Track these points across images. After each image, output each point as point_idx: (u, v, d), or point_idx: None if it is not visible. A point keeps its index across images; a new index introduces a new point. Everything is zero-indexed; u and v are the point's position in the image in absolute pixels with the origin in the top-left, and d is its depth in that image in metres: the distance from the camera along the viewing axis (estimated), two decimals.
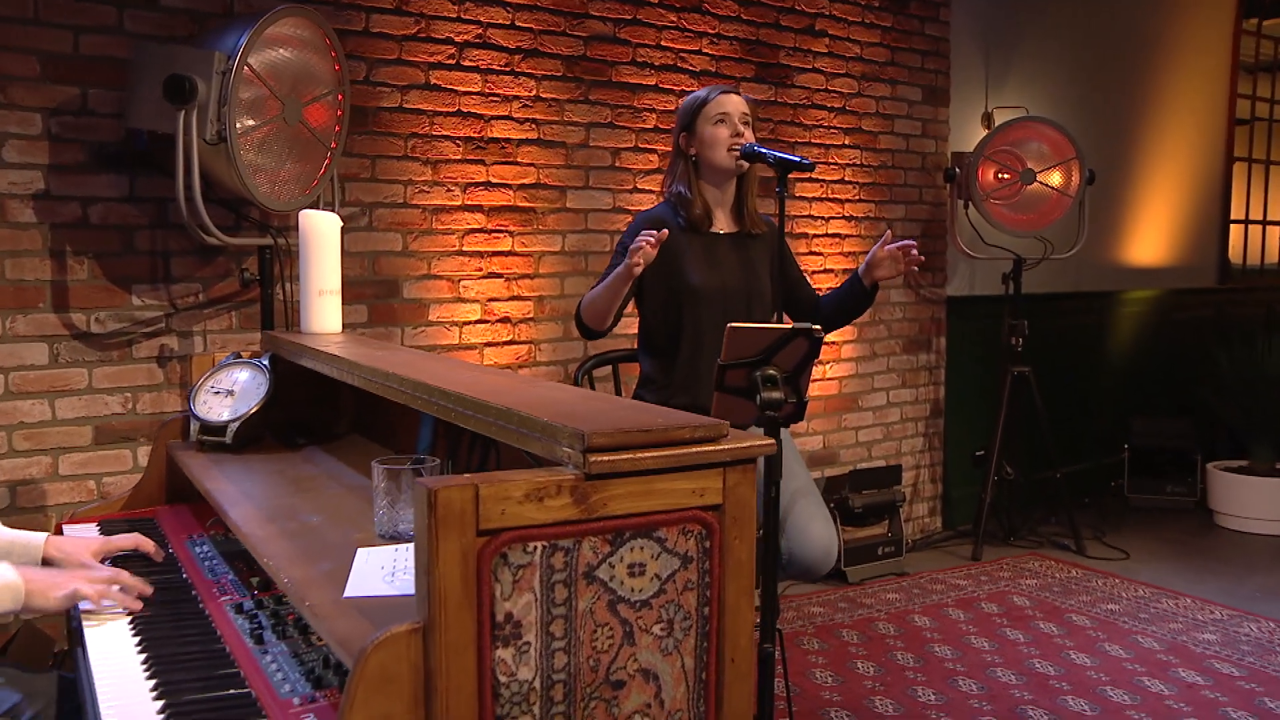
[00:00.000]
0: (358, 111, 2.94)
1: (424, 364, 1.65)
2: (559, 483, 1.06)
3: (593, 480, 1.08)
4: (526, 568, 1.05)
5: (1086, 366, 5.09)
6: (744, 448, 1.16)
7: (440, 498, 1.00)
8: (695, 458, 1.13)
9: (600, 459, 1.07)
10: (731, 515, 1.16)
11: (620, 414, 1.19)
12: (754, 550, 1.19)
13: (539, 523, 1.05)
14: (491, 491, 1.02)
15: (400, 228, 3.07)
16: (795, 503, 2.37)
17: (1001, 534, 4.38)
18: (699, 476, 1.14)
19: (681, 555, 1.14)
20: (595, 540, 1.09)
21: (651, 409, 1.24)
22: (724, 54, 3.74)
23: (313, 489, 1.69)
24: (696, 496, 1.14)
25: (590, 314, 2.41)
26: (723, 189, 2.56)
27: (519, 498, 1.04)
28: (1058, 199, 4.18)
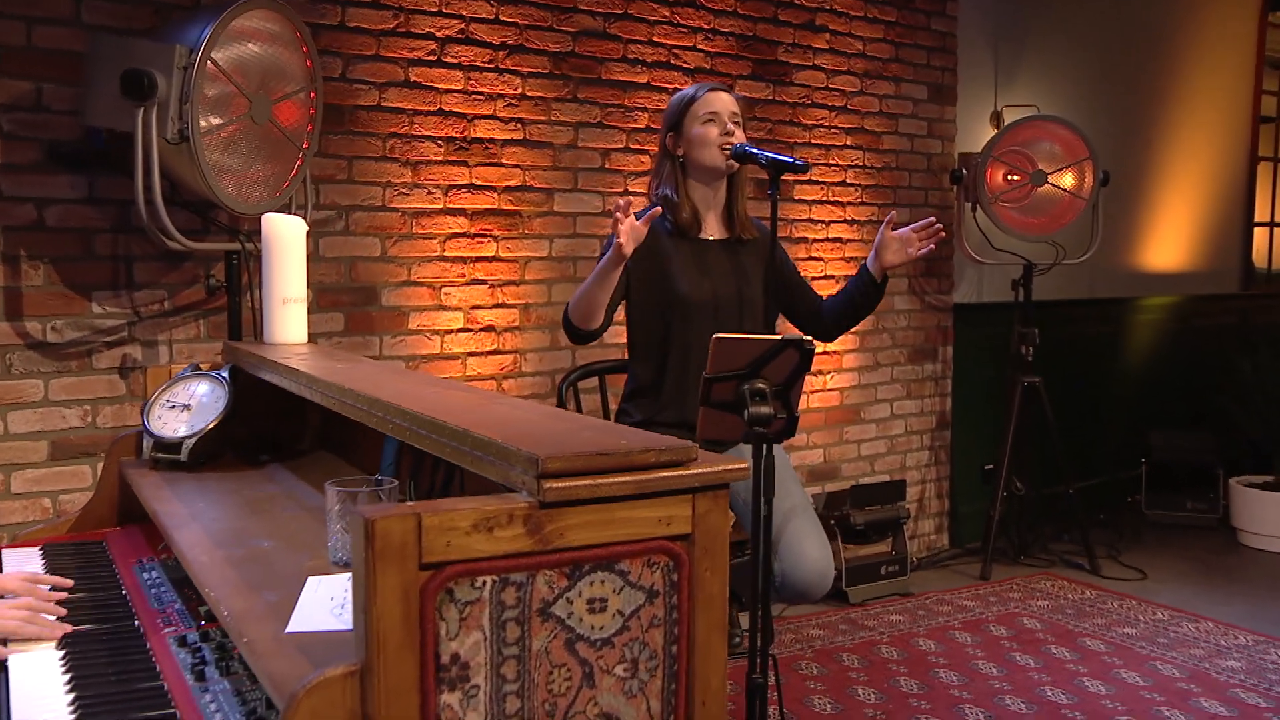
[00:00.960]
0: (333, 110, 2.92)
1: (386, 379, 1.61)
2: (510, 511, 1.02)
3: (548, 508, 1.03)
4: (474, 604, 1.00)
5: (1101, 376, 5.06)
6: (715, 472, 1.12)
7: (378, 528, 0.95)
8: (661, 483, 1.09)
9: (555, 485, 1.03)
10: (702, 546, 1.12)
11: (582, 436, 1.15)
12: (727, 584, 1.14)
13: (488, 555, 1.01)
14: (435, 521, 0.98)
15: (378, 232, 3.04)
16: (789, 522, 2.33)
17: (1011, 552, 4.34)
18: (665, 504, 1.10)
19: (646, 589, 1.09)
20: (551, 574, 1.04)
21: (616, 430, 1.19)
22: (719, 50, 3.71)
23: (269, 510, 1.65)
24: (663, 526, 1.10)
25: (578, 311, 2.35)
26: (712, 192, 2.53)
27: (466, 528, 1.00)
28: (1070, 201, 4.15)
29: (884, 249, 2.45)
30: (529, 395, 3.33)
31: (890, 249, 2.45)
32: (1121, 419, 5.13)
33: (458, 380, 3.05)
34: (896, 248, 2.44)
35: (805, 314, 2.63)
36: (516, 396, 3.30)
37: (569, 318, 2.38)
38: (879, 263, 2.46)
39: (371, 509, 0.97)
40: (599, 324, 2.37)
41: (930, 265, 4.33)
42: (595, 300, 2.32)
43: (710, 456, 1.14)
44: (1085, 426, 4.90)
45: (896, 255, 2.44)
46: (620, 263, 2.26)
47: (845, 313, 2.56)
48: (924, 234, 2.42)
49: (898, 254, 2.44)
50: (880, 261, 2.46)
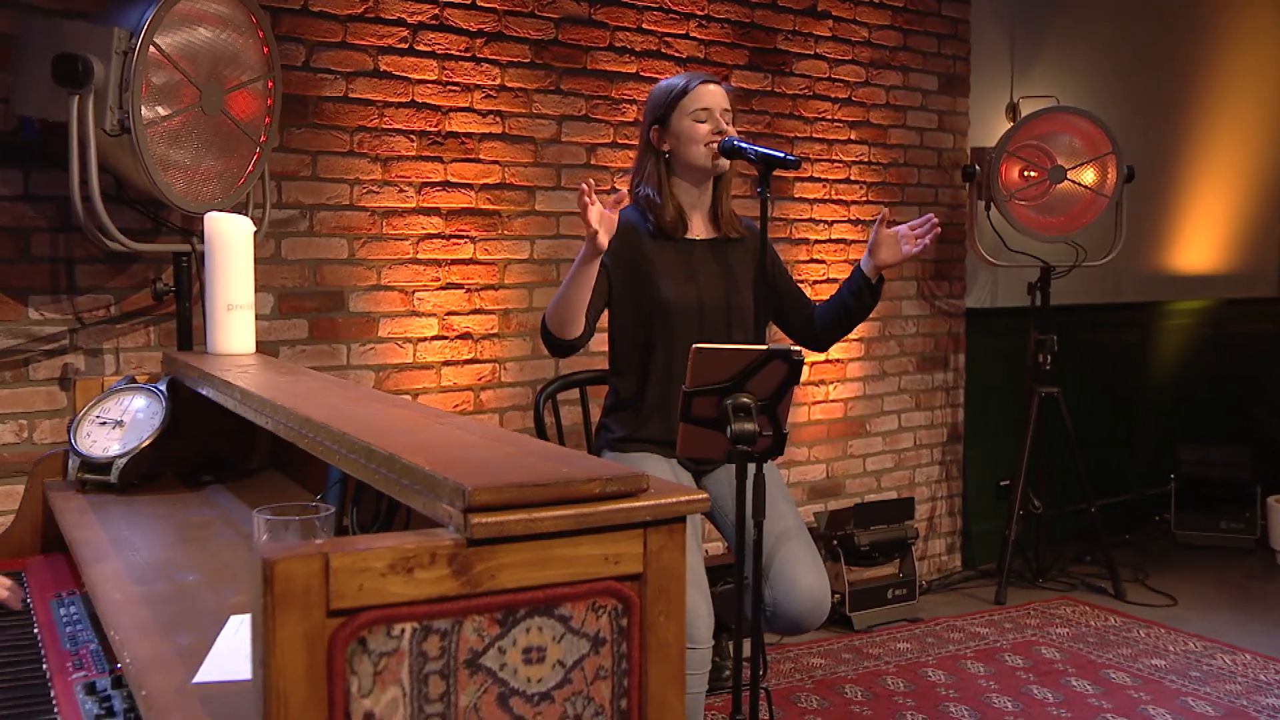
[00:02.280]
0: (296, 101, 2.89)
1: (327, 394, 1.55)
2: (433, 549, 0.95)
3: (477, 546, 0.97)
4: (392, 655, 0.94)
5: (1125, 386, 5.02)
6: (669, 504, 1.05)
7: (278, 571, 0.89)
8: (607, 517, 1.02)
9: (485, 520, 0.96)
10: (655, 586, 1.05)
11: (523, 463, 1.09)
12: (684, 629, 1.08)
13: (408, 599, 0.94)
14: (345, 562, 0.91)
15: (346, 232, 3.01)
16: (781, 546, 2.29)
17: (1029, 575, 4.30)
18: (613, 540, 1.03)
19: (591, 637, 1.03)
20: (480, 620, 0.98)
21: (565, 457, 1.13)
22: (714, 38, 3.68)
23: (202, 539, 1.59)
24: (610, 564, 1.03)
25: (555, 319, 2.29)
26: (699, 190, 2.49)
27: (381, 569, 0.93)
28: (1091, 199, 4.12)
29: (878, 248, 2.41)
30: (509, 407, 3.29)
31: (884, 247, 2.41)
32: (1148, 432, 5.09)
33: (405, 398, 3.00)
34: (891, 245, 2.40)
35: (798, 321, 2.58)
36: (494, 409, 3.31)
37: (546, 327, 2.32)
38: (873, 262, 2.42)
39: (272, 548, 0.90)
40: (579, 332, 2.31)
41: (941, 268, 4.30)
42: (572, 304, 2.26)
43: (665, 487, 1.08)
44: (1108, 440, 4.87)
45: (891, 253, 2.40)
46: (596, 256, 2.19)
47: (838, 318, 2.52)
48: (921, 231, 2.38)
49: (892, 252, 2.40)
50: (874, 260, 2.41)
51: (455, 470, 1.03)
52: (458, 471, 1.02)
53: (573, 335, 2.30)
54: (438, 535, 0.98)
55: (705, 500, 1.09)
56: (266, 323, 2.89)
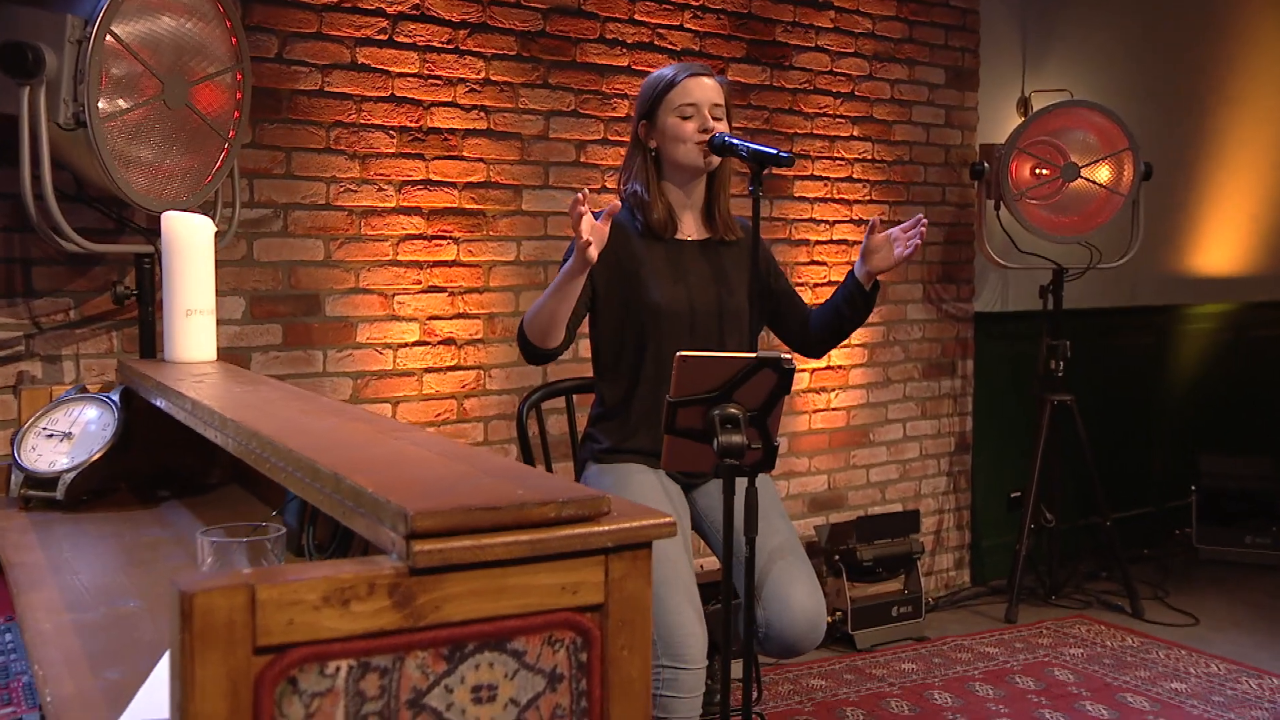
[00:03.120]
0: (268, 95, 2.86)
1: (284, 405, 1.51)
2: (372, 580, 0.91)
3: (420, 575, 0.93)
4: (325, 696, 0.89)
5: (1143, 394, 5.00)
6: (633, 529, 1.01)
7: (197, 605, 0.84)
8: (564, 543, 0.98)
9: (429, 548, 0.92)
10: (618, 618, 1.01)
11: (477, 484, 1.04)
12: (649, 663, 1.03)
13: (344, 634, 0.90)
14: (274, 594, 0.87)
15: (322, 233, 2.98)
16: (774, 563, 2.26)
17: (1041, 592, 4.27)
18: (571, 568, 0.99)
19: (548, 673, 0.98)
20: (425, 656, 0.93)
21: (525, 476, 1.08)
22: (710, 30, 3.65)
23: (149, 560, 1.55)
24: (568, 594, 0.99)
25: (536, 328, 2.26)
26: (689, 189, 2.46)
27: (314, 601, 0.89)
28: (1106, 198, 4.09)
29: (871, 253, 2.38)
30: (494, 415, 3.27)
31: (878, 253, 2.38)
32: (1167, 441, 5.06)
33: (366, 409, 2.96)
34: (885, 250, 2.37)
35: (793, 327, 2.54)
36: (479, 418, 3.28)
37: (524, 335, 2.29)
38: (866, 268, 2.38)
39: (191, 579, 0.85)
40: (559, 342, 2.29)
41: (948, 270, 4.28)
42: (555, 315, 2.23)
43: (628, 509, 1.04)
44: (1125, 450, 4.84)
45: (884, 259, 2.37)
46: (584, 270, 2.16)
47: (832, 326, 2.49)
48: (911, 232, 2.35)
49: (885, 257, 2.37)
50: (868, 266, 2.38)
51: (400, 492, 0.98)
52: (402, 493, 0.98)
53: (552, 345, 2.28)
54: (378, 563, 0.93)
55: (672, 524, 1.04)
56: (238, 328, 2.86)
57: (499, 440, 3.28)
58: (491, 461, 1.17)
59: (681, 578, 2.18)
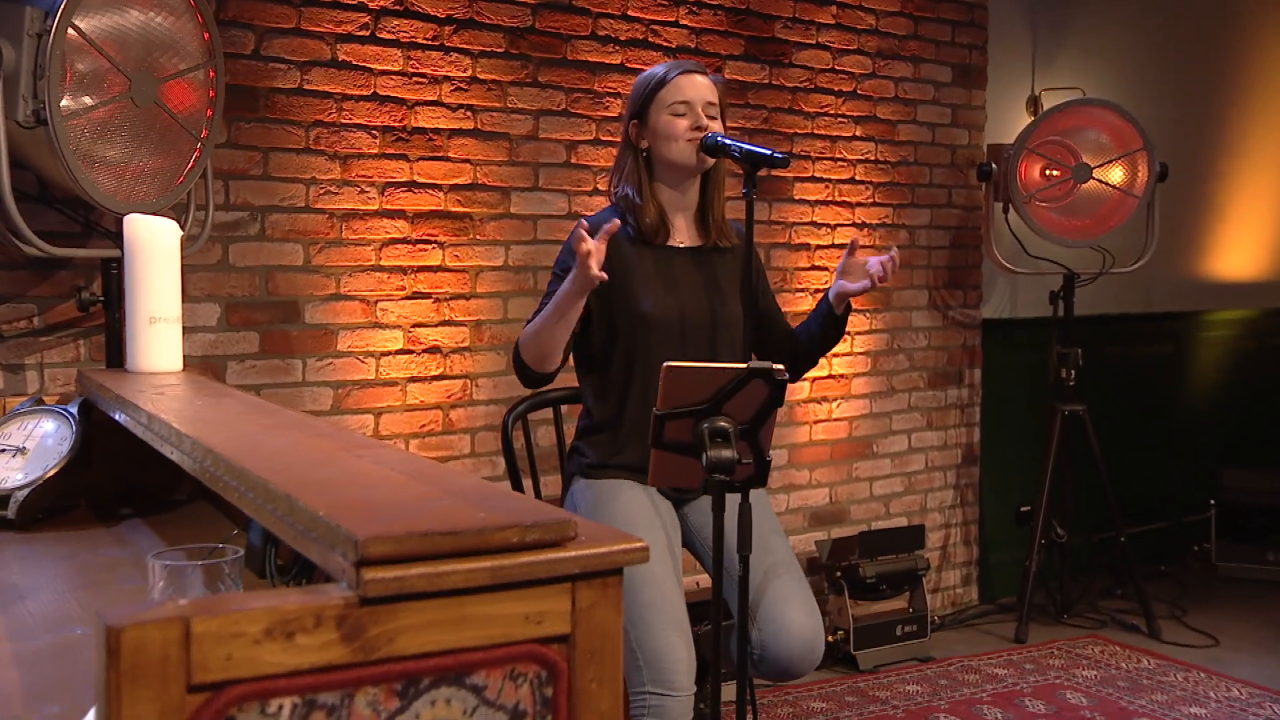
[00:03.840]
0: (245, 93, 2.84)
1: (245, 420, 1.48)
2: (319, 610, 0.88)
3: (371, 605, 0.90)
4: None
5: (1159, 404, 4.97)
6: (602, 554, 0.99)
7: (126, 640, 0.81)
8: (528, 570, 0.95)
9: (380, 576, 0.89)
10: (586, 649, 0.99)
11: (437, 506, 1.01)
12: (621, 697, 1.00)
13: (288, 670, 0.87)
14: (211, 627, 0.84)
15: (301, 237, 2.96)
16: (769, 582, 2.24)
17: (1053, 610, 4.24)
18: (535, 596, 0.97)
19: (510, 709, 0.95)
20: (376, 692, 0.90)
21: (483, 497, 1.05)
22: (706, 26, 3.63)
23: (104, 583, 1.52)
24: (532, 625, 0.97)
25: (533, 352, 2.26)
26: (682, 191, 2.43)
27: (256, 635, 0.85)
28: (1120, 200, 4.07)
29: (847, 275, 2.36)
30: (481, 427, 3.25)
31: (853, 275, 2.35)
32: (1185, 454, 5.03)
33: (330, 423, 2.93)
34: (858, 272, 2.35)
35: (775, 343, 2.54)
36: (465, 429, 3.25)
37: (521, 359, 2.29)
38: (838, 288, 2.37)
39: (119, 612, 0.82)
40: (557, 364, 2.30)
41: (955, 275, 4.26)
42: (556, 339, 2.23)
43: (597, 533, 1.01)
44: (1140, 462, 4.81)
45: (858, 282, 2.34)
46: (584, 296, 2.17)
47: (802, 349, 2.50)
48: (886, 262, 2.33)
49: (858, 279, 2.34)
50: (842, 292, 2.36)
51: (352, 515, 0.95)
52: (355, 516, 0.95)
53: (551, 367, 2.29)
54: (325, 593, 0.90)
55: (644, 549, 1.01)
56: (213, 336, 2.84)
57: (487, 452, 3.26)
58: (457, 481, 1.14)
59: (669, 599, 2.15)
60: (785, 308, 3.76)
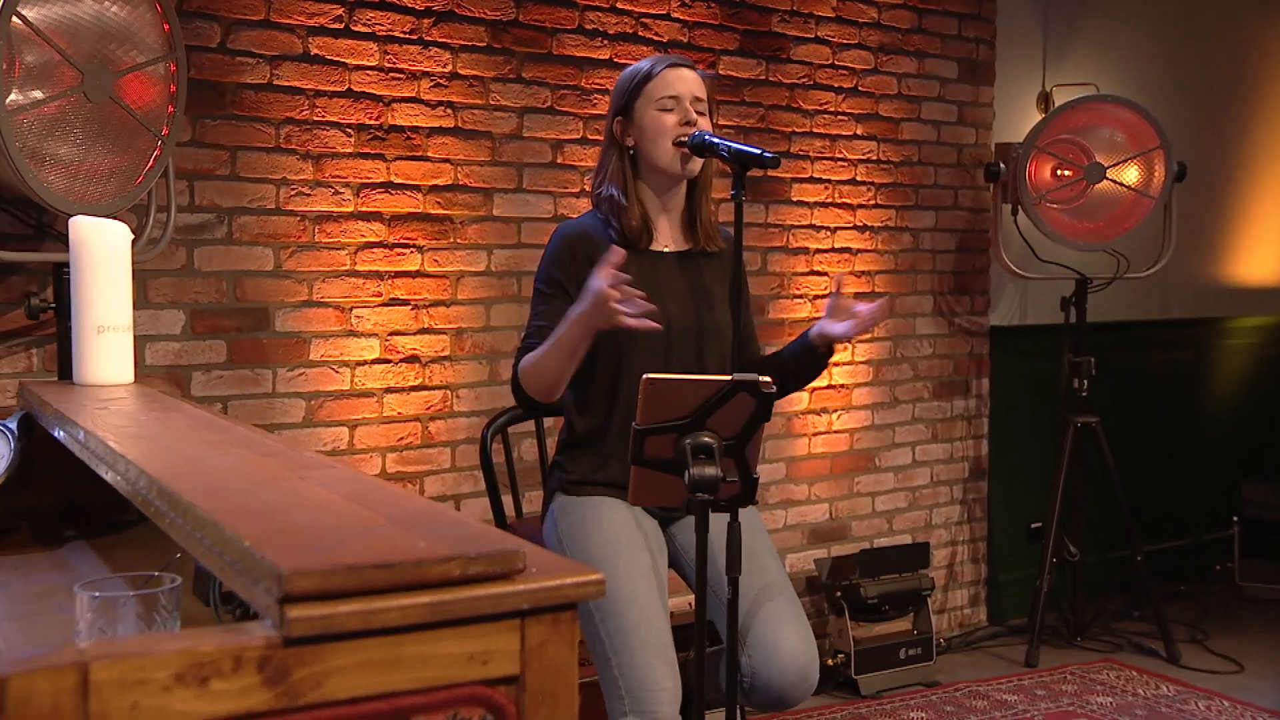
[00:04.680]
0: (210, 89, 2.82)
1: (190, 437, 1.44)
2: (238, 652, 0.83)
3: (297, 646, 0.85)
4: None
5: (1177, 416, 4.96)
6: (553, 588, 0.95)
7: (13, 690, 0.76)
8: (472, 605, 0.92)
9: (306, 613, 0.84)
10: (536, 691, 0.95)
11: (376, 535, 0.97)
12: None
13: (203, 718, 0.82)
14: (114, 674, 0.79)
15: (271, 240, 2.95)
16: (760, 605, 2.21)
17: (1065, 632, 4.22)
18: (480, 633, 0.93)
19: None
20: None
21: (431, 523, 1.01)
22: (699, 19, 3.62)
23: (35, 614, 1.47)
24: (477, 665, 0.93)
25: (537, 385, 2.26)
26: (668, 193, 2.41)
27: (165, 681, 0.81)
28: (1135, 201, 4.06)
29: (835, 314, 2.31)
30: (462, 440, 3.23)
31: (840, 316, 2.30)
32: (1206, 467, 5.01)
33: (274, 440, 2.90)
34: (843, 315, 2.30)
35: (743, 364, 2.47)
36: (445, 442, 3.22)
37: (523, 389, 2.28)
38: (825, 334, 2.31)
39: (7, 659, 0.77)
40: (560, 395, 2.29)
41: (961, 280, 4.25)
42: (565, 374, 2.23)
43: (550, 564, 0.96)
44: (1158, 477, 4.79)
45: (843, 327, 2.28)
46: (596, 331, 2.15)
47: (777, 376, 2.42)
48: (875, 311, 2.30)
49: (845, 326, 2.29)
50: (828, 333, 2.30)
51: (281, 545, 0.91)
52: (283, 547, 0.90)
53: (554, 398, 2.29)
54: (246, 632, 0.86)
55: (600, 582, 0.97)
56: (177, 345, 2.82)
57: (468, 467, 3.23)
58: (405, 506, 1.09)
59: (653, 625, 2.12)
60: (783, 315, 3.78)
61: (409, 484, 3.13)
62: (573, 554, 2.22)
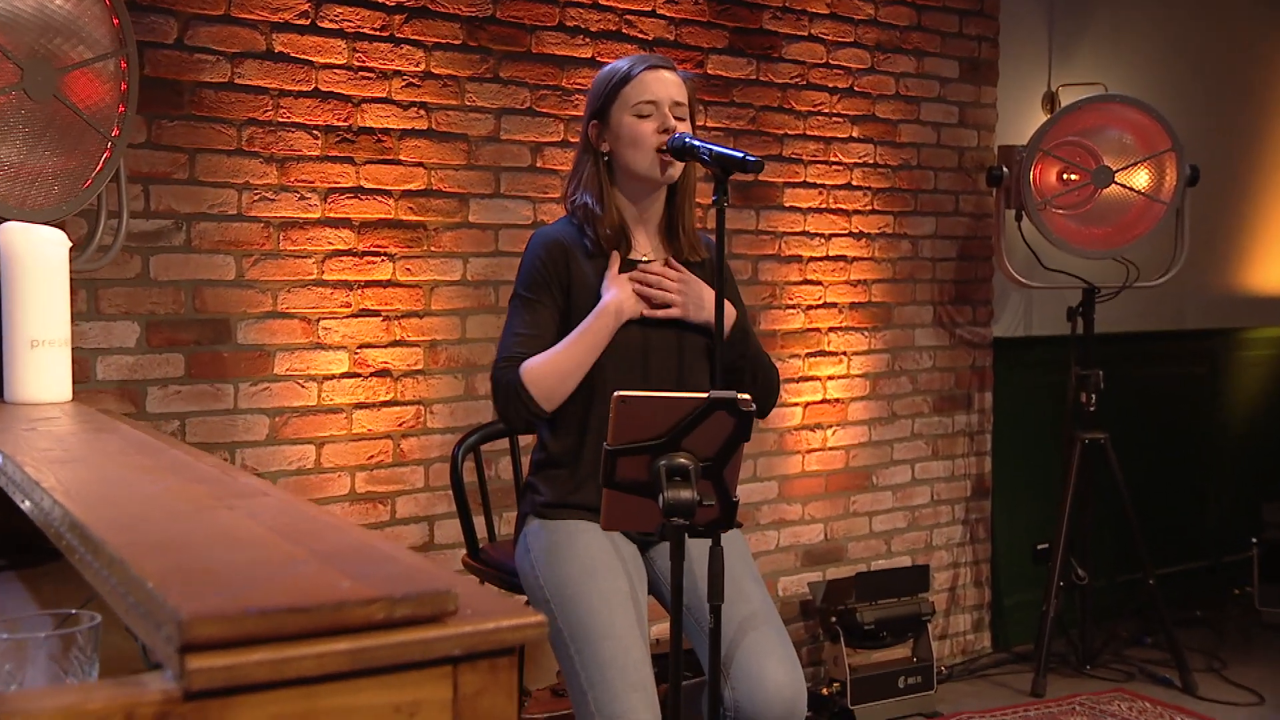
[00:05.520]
0: (167, 87, 2.81)
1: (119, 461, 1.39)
2: (130, 708, 0.78)
3: (198, 700, 0.80)
4: None
5: (1192, 432, 4.97)
6: (489, 632, 0.89)
7: None
8: (397, 652, 0.86)
9: (208, 664, 0.79)
10: None
11: (295, 572, 0.92)
12: None
13: None
14: None
15: (233, 248, 2.93)
16: (744, 635, 2.19)
17: (1074, 660, 4.22)
18: (407, 683, 0.87)
19: None
20: None
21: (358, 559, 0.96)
22: (686, 16, 3.62)
23: None
24: (404, 718, 0.87)
25: (548, 388, 2.25)
26: (646, 201, 2.40)
27: None
28: (1145, 206, 4.06)
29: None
30: (435, 458, 3.21)
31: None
32: (1222, 487, 5.02)
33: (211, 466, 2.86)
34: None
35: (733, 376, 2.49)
36: (418, 460, 3.18)
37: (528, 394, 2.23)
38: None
39: None
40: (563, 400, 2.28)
41: (963, 289, 4.26)
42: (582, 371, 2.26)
43: (486, 605, 0.91)
44: (1171, 496, 4.81)
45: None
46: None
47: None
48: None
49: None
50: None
51: (187, 587, 0.86)
52: (189, 589, 0.85)
53: (559, 404, 2.27)
54: (142, 685, 0.81)
55: (541, 624, 0.92)
56: (131, 358, 2.79)
57: (443, 486, 3.20)
58: (334, 539, 1.04)
59: (631, 656, 2.09)
60: (775, 326, 3.76)
61: (379, 505, 3.11)
62: (546, 580, 2.20)
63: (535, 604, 2.22)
